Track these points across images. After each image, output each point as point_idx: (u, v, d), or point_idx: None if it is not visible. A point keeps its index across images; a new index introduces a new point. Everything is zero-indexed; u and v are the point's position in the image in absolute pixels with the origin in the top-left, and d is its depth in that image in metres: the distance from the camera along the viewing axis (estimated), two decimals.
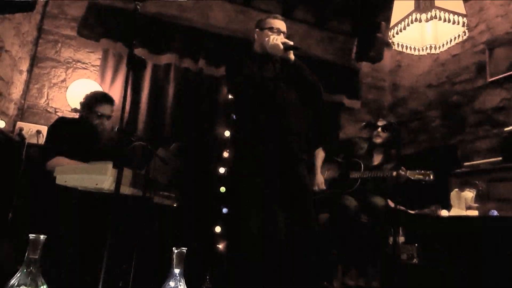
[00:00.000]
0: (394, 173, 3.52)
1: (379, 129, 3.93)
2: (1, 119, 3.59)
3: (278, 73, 2.76)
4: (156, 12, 4.77)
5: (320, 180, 3.89)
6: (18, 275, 1.16)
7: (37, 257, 1.18)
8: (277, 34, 2.80)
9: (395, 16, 2.98)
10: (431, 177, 3.43)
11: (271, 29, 2.83)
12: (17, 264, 1.22)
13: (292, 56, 2.71)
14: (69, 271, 2.28)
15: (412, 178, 3.47)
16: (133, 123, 4.43)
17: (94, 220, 2.34)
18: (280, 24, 2.87)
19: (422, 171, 3.48)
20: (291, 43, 2.68)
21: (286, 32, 2.89)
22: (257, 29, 2.93)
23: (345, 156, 4.09)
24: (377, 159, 3.99)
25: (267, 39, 2.72)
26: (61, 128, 3.03)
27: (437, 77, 5.11)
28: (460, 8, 2.77)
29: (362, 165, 3.87)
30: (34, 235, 1.19)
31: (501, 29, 4.28)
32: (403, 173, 3.47)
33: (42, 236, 1.20)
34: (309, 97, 2.92)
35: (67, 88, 4.25)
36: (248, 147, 2.70)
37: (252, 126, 2.70)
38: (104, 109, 3.22)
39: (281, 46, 2.64)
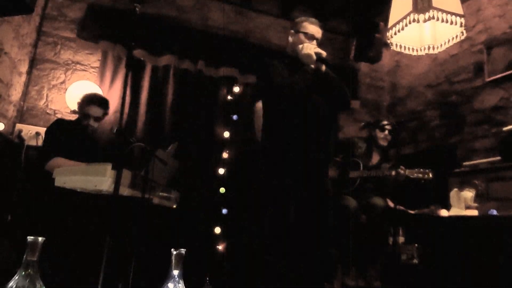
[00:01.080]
0: (393, 172, 3.54)
1: (386, 132, 3.95)
2: (0, 121, 3.59)
3: (309, 82, 2.70)
4: (155, 14, 4.78)
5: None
6: (16, 277, 1.16)
7: (35, 259, 1.19)
8: (310, 41, 2.77)
9: (393, 17, 2.98)
10: (430, 175, 3.45)
11: (305, 34, 2.80)
12: (16, 266, 1.22)
13: (323, 67, 2.68)
14: (68, 273, 2.28)
15: (411, 176, 3.48)
16: (132, 125, 4.43)
17: (93, 221, 2.35)
18: (315, 30, 2.83)
19: (421, 170, 3.49)
20: (324, 53, 2.65)
21: (320, 38, 2.86)
22: (292, 30, 2.89)
23: (344, 156, 4.09)
24: (375, 158, 4.00)
25: (300, 46, 2.67)
26: (59, 130, 3.04)
27: (435, 77, 5.12)
28: (458, 8, 2.78)
29: (361, 165, 3.88)
30: (32, 237, 1.19)
31: (499, 29, 4.29)
32: (402, 172, 3.48)
33: (40, 238, 1.20)
34: (337, 106, 2.95)
35: (66, 89, 4.26)
36: (275, 153, 2.70)
37: (280, 134, 2.70)
38: (90, 110, 3.26)
39: (314, 57, 2.61)
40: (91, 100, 3.28)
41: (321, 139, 2.74)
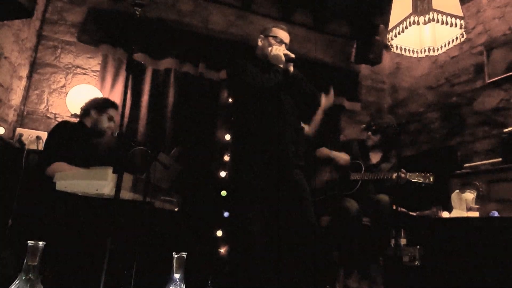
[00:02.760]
0: (394, 175, 3.53)
1: (369, 133, 3.99)
2: (1, 126, 3.59)
3: (278, 82, 2.78)
4: (155, 17, 4.78)
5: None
6: (17, 282, 1.15)
7: (36, 264, 1.18)
8: (279, 44, 2.88)
9: (393, 19, 2.99)
10: (431, 179, 3.44)
11: (275, 38, 2.91)
12: (16, 271, 1.22)
13: (292, 68, 2.79)
14: (69, 277, 2.28)
15: (412, 180, 3.48)
16: (134, 128, 4.43)
17: (94, 225, 2.34)
18: (283, 35, 2.95)
19: (422, 174, 3.49)
20: (293, 55, 2.76)
21: (288, 43, 2.96)
22: (261, 35, 3.02)
23: None
24: (374, 158, 4.01)
25: (270, 48, 2.81)
26: (62, 133, 3.03)
27: (436, 79, 5.12)
28: (458, 10, 2.78)
29: (363, 167, 3.88)
30: (32, 242, 1.18)
31: (498, 31, 4.30)
32: (403, 175, 3.48)
33: (41, 243, 1.19)
34: (307, 106, 3.05)
35: (67, 93, 4.26)
36: (245, 151, 2.75)
37: (249, 131, 2.76)
38: (114, 113, 3.27)
39: (283, 58, 2.73)
40: (113, 103, 3.30)
41: (287, 136, 2.77)
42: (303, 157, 2.91)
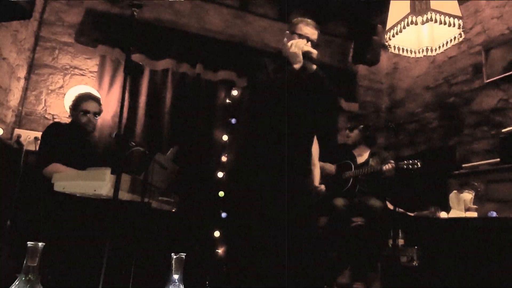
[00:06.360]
0: (385, 167, 3.63)
1: (347, 131, 4.26)
2: None
3: (292, 82, 2.62)
4: (153, 18, 4.78)
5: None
6: (17, 283, 1.15)
7: (35, 264, 1.18)
8: (304, 42, 2.69)
9: (391, 19, 2.99)
10: (419, 164, 3.51)
11: (300, 36, 2.72)
12: (15, 272, 1.22)
13: (314, 66, 2.62)
14: (67, 278, 2.27)
15: (400, 167, 3.55)
16: (131, 129, 4.42)
17: (92, 226, 2.34)
18: (310, 31, 2.76)
19: (410, 161, 3.56)
20: (314, 52, 2.61)
21: (315, 39, 2.78)
22: (287, 31, 2.83)
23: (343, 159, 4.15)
24: (362, 157, 4.09)
25: (289, 43, 2.62)
26: (55, 134, 3.02)
27: (434, 79, 5.12)
28: (456, 10, 2.78)
29: (353, 165, 3.94)
30: (32, 242, 1.18)
31: (497, 30, 4.30)
32: (390, 165, 3.59)
33: (40, 244, 1.19)
34: (323, 107, 2.88)
35: (64, 94, 4.25)
36: (255, 153, 2.73)
37: (261, 132, 2.72)
38: (88, 105, 3.19)
39: (300, 56, 2.56)
40: (86, 96, 3.23)
41: (299, 139, 2.73)
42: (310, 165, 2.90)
